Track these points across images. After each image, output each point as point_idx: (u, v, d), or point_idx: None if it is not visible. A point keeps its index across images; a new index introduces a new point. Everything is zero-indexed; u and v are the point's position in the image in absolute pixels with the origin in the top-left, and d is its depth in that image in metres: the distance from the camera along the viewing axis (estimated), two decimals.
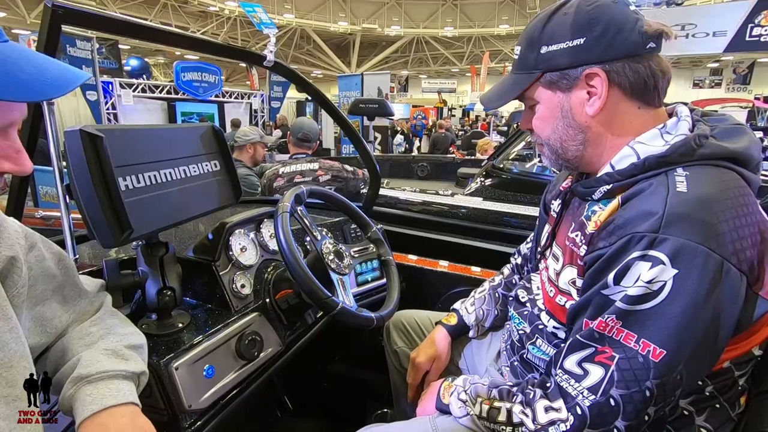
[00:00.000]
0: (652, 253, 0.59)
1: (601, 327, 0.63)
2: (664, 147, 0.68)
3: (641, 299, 0.60)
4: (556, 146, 0.77)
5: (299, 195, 1.01)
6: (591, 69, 0.69)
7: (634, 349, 0.60)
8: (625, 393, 0.60)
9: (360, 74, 9.81)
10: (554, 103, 0.74)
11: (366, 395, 1.60)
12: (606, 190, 0.72)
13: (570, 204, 0.85)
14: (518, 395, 0.73)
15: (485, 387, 0.79)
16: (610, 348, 0.62)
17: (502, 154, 2.89)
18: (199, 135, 0.97)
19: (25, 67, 0.49)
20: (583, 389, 0.63)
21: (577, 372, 0.65)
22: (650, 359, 0.59)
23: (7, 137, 0.53)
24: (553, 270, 0.82)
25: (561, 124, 0.75)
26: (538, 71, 0.73)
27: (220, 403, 0.86)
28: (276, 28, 3.27)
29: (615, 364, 0.61)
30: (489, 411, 0.74)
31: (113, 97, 8.22)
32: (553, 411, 0.66)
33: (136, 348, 0.71)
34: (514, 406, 0.71)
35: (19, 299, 0.60)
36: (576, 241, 0.75)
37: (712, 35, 6.12)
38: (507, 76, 0.81)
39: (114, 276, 0.81)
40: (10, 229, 0.61)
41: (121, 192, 0.73)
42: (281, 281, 1.06)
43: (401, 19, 24.74)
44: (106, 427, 0.59)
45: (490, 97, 0.83)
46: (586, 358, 0.64)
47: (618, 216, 0.66)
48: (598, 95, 0.70)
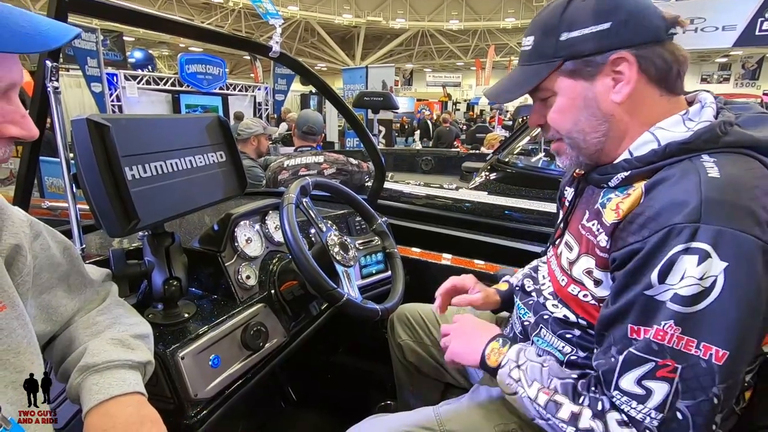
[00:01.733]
0: (695, 245, 0.55)
1: (659, 337, 0.58)
2: (687, 133, 0.65)
3: (695, 299, 0.55)
4: (578, 140, 0.73)
5: (305, 187, 1.01)
6: (619, 54, 0.65)
7: (695, 356, 0.56)
8: (691, 404, 0.56)
9: (364, 67, 9.74)
10: (576, 92, 0.70)
11: (369, 387, 1.61)
12: (624, 177, 0.69)
13: (584, 192, 0.82)
14: (584, 397, 0.67)
15: (544, 370, 0.73)
16: (672, 360, 0.57)
17: (507, 149, 2.87)
18: (205, 125, 0.97)
19: (18, 21, 0.50)
20: (650, 411, 0.59)
21: (639, 392, 0.59)
22: (713, 363, 0.55)
23: (10, 101, 0.53)
24: (566, 259, 0.79)
25: (584, 114, 0.71)
26: (559, 59, 0.69)
27: (226, 393, 0.87)
28: (282, 19, 3.25)
29: (678, 375, 0.57)
30: (548, 403, 0.69)
31: (118, 88, 8.22)
32: (626, 427, 0.61)
33: (142, 337, 0.71)
34: (583, 410, 0.65)
35: (24, 287, 0.60)
36: (593, 230, 0.72)
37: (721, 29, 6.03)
38: (516, 69, 0.77)
39: (120, 265, 0.82)
40: (15, 218, 0.61)
41: (128, 182, 0.73)
42: (286, 273, 1.06)
43: (406, 12, 24.55)
44: (112, 416, 0.59)
45: (499, 90, 0.78)
46: (646, 375, 0.59)
47: (646, 207, 0.62)
48: (626, 81, 0.66)
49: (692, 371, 0.56)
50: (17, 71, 0.53)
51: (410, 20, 24.81)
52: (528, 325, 0.87)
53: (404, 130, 12.65)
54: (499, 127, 8.42)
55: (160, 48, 23.19)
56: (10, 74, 0.52)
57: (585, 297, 0.74)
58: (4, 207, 0.61)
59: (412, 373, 1.21)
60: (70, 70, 8.34)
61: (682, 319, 0.56)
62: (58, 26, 0.53)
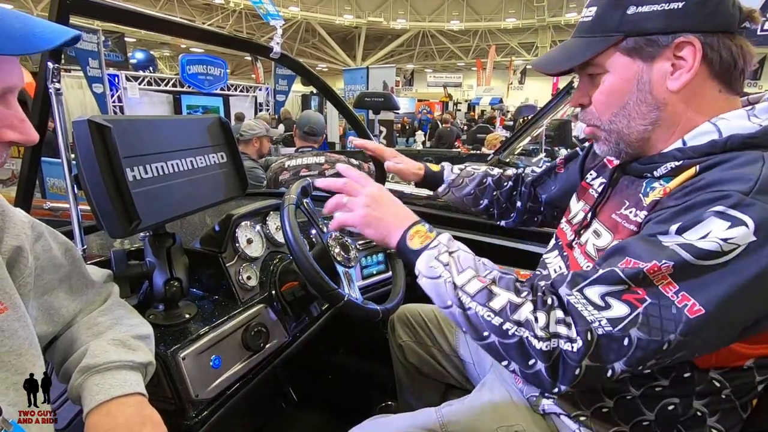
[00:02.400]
0: (733, 213, 0.52)
1: (652, 271, 0.54)
2: (753, 127, 0.60)
3: (708, 255, 0.53)
4: (620, 126, 0.68)
5: (305, 187, 1.01)
6: (686, 37, 0.61)
7: (670, 299, 0.54)
8: (643, 337, 0.54)
9: (365, 68, 9.76)
10: (631, 72, 0.65)
11: (370, 388, 1.61)
12: (673, 167, 0.64)
13: (618, 182, 0.77)
14: (527, 292, 0.63)
15: (479, 262, 0.67)
16: (643, 291, 0.55)
17: (508, 149, 2.87)
18: (206, 126, 0.97)
19: (13, 23, 0.49)
20: (603, 318, 0.56)
21: (597, 302, 0.57)
22: (684, 313, 0.53)
23: (9, 105, 0.53)
24: (592, 245, 0.75)
25: (634, 98, 0.66)
26: (620, 34, 0.64)
27: (227, 394, 0.87)
28: (282, 20, 3.25)
29: (643, 307, 0.55)
30: (480, 291, 0.62)
31: (119, 89, 8.24)
32: (564, 326, 0.57)
33: (143, 338, 0.71)
34: (525, 303, 0.60)
35: (25, 288, 0.60)
36: (630, 217, 0.68)
37: None
38: (570, 41, 0.72)
39: (122, 266, 0.82)
40: (16, 219, 0.62)
41: (129, 182, 0.73)
42: (287, 273, 1.06)
43: (407, 13, 24.57)
44: (113, 416, 0.59)
45: (548, 60, 0.73)
46: (612, 293, 0.56)
47: (699, 179, 0.58)
48: (687, 68, 0.62)
49: (659, 310, 0.54)
50: (16, 74, 0.52)
51: (411, 21, 24.84)
52: None
53: (405, 130, 12.65)
54: (500, 128, 8.42)
55: (161, 49, 23.23)
56: (8, 78, 0.51)
57: None
58: (6, 208, 0.61)
59: (413, 374, 1.21)
60: (72, 71, 8.36)
61: (683, 266, 0.54)
62: (54, 28, 0.52)
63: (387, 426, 0.88)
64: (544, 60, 0.75)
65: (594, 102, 0.71)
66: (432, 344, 1.17)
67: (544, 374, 0.58)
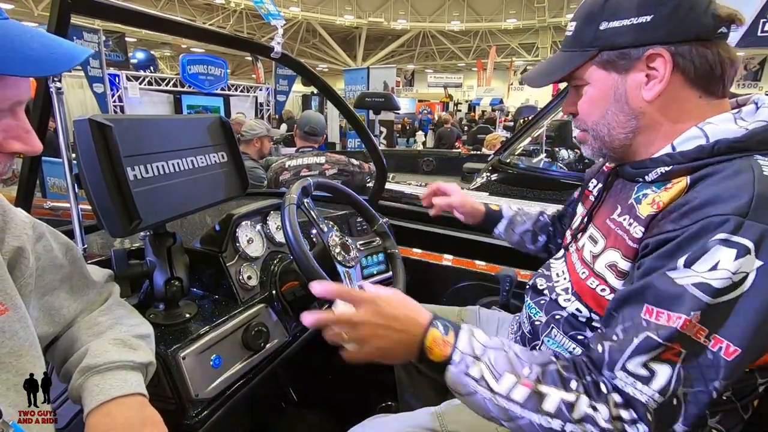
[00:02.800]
0: (736, 239, 0.52)
1: (685, 327, 0.54)
2: (739, 131, 0.61)
3: (722, 292, 0.53)
4: (602, 133, 0.71)
5: (306, 187, 1.01)
6: (655, 50, 0.63)
7: (703, 345, 0.53)
8: (689, 392, 0.54)
9: (366, 68, 9.75)
10: (607, 85, 0.69)
11: (370, 388, 1.60)
12: (663, 172, 0.65)
13: (612, 186, 0.79)
14: (576, 382, 0.59)
15: (512, 357, 0.61)
16: (678, 344, 0.54)
17: (509, 149, 2.87)
18: (207, 126, 0.97)
19: (29, 43, 0.49)
20: (654, 393, 0.55)
21: (643, 374, 0.56)
22: (721, 357, 0.53)
23: (16, 117, 0.53)
24: (589, 252, 0.76)
25: (612, 108, 0.69)
26: (594, 49, 0.68)
27: (227, 393, 0.87)
28: (283, 20, 3.25)
29: (681, 360, 0.54)
30: (528, 396, 0.58)
31: (120, 89, 8.24)
32: (624, 409, 0.56)
33: (143, 338, 0.71)
34: (579, 396, 0.57)
35: (27, 289, 0.60)
36: (624, 225, 0.69)
37: None
38: (557, 54, 0.76)
39: (122, 266, 0.82)
40: (18, 220, 0.62)
41: (130, 182, 0.73)
42: (287, 273, 1.06)
43: (408, 13, 24.58)
44: (113, 417, 0.59)
45: (535, 74, 0.78)
46: (653, 359, 0.55)
47: (691, 198, 0.59)
48: (658, 78, 0.64)
49: (696, 359, 0.54)
50: (25, 89, 0.53)
51: (412, 21, 24.85)
52: (539, 325, 0.85)
53: (405, 131, 12.65)
54: (501, 128, 8.41)
55: (162, 49, 23.25)
56: (18, 92, 0.52)
57: (603, 291, 0.71)
58: (7, 209, 0.61)
59: (413, 374, 1.21)
60: (72, 71, 8.36)
61: (706, 309, 0.53)
62: (71, 48, 0.53)
63: (387, 426, 0.88)
64: (532, 75, 0.79)
65: (579, 111, 0.74)
66: None
67: None
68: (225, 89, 9.58)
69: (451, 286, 1.55)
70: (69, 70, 0.54)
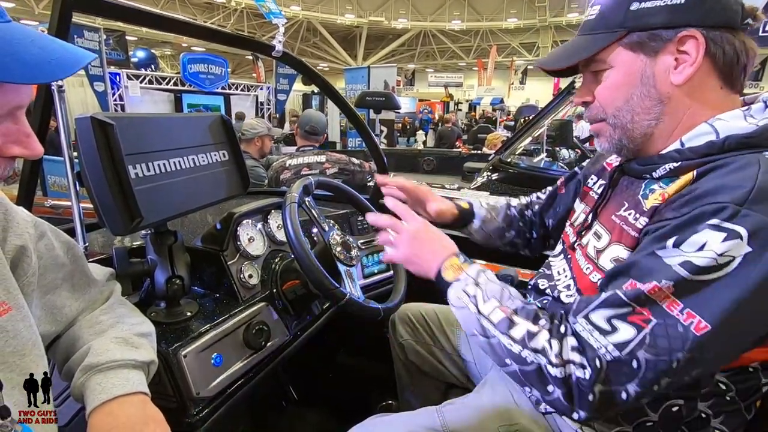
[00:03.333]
0: (728, 226, 0.53)
1: (653, 291, 0.56)
2: (749, 127, 0.61)
3: (704, 270, 0.54)
4: (625, 120, 0.69)
5: (307, 186, 1.01)
6: (689, 32, 0.62)
7: (675, 318, 0.55)
8: (651, 358, 0.55)
9: (367, 67, 9.75)
10: (635, 67, 0.66)
11: (371, 387, 1.60)
12: (672, 168, 0.65)
13: (618, 183, 0.78)
14: (543, 321, 0.65)
15: (505, 292, 0.69)
16: (648, 311, 0.56)
17: (509, 149, 2.87)
18: (208, 124, 0.97)
19: (29, 48, 0.48)
20: (609, 344, 0.57)
21: (604, 327, 0.58)
22: (691, 331, 0.54)
23: (16, 121, 0.53)
24: (593, 248, 0.76)
25: (638, 92, 0.66)
26: (623, 29, 0.65)
27: (228, 392, 0.87)
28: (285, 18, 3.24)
29: (650, 328, 0.56)
30: (502, 320, 0.65)
31: (120, 88, 8.24)
32: (577, 353, 0.59)
33: (145, 336, 0.71)
34: (541, 331, 0.63)
35: (29, 288, 0.60)
36: (629, 219, 0.69)
37: None
38: (575, 38, 0.73)
39: (123, 264, 0.82)
40: (19, 218, 0.62)
41: (131, 180, 0.73)
42: (288, 272, 1.06)
43: (408, 12, 24.56)
44: (115, 416, 0.59)
45: (553, 58, 0.74)
46: (618, 316, 0.58)
47: (695, 188, 0.59)
48: (690, 62, 0.62)
49: (665, 329, 0.55)
50: (26, 92, 0.52)
51: (412, 20, 24.83)
52: None
53: (406, 130, 12.65)
54: (501, 127, 8.41)
55: (162, 47, 23.24)
56: (18, 97, 0.51)
57: None
58: (9, 208, 0.61)
59: (414, 372, 1.21)
60: None
61: (682, 283, 0.55)
62: (72, 52, 0.52)
63: (388, 425, 0.88)
64: (549, 58, 0.75)
65: (598, 97, 0.71)
66: (433, 343, 1.17)
67: (561, 400, 0.60)
68: (225, 88, 9.58)
69: None
70: None
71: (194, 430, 0.80)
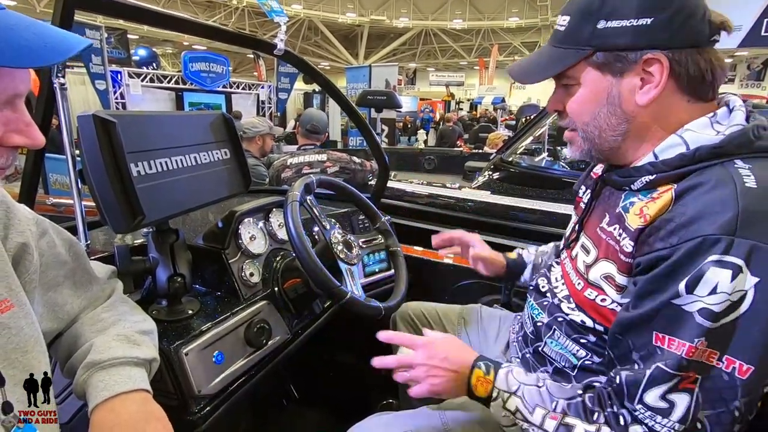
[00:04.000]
0: (728, 259, 0.54)
1: (690, 353, 0.55)
2: (718, 137, 0.62)
3: (723, 314, 0.54)
4: (593, 135, 0.70)
5: (309, 184, 1.01)
6: (653, 54, 0.62)
7: (717, 368, 0.54)
8: (712, 414, 0.55)
9: (368, 66, 9.74)
10: (601, 86, 0.67)
11: (371, 386, 1.61)
12: (648, 181, 0.66)
13: (601, 194, 0.79)
14: (599, 414, 0.63)
15: (543, 392, 0.69)
16: (693, 371, 0.56)
17: (511, 148, 2.86)
18: (210, 123, 0.97)
19: (23, 33, 0.48)
20: (674, 423, 0.57)
21: (663, 406, 0.57)
22: (736, 377, 0.54)
23: (15, 109, 0.52)
24: (582, 262, 0.77)
25: (604, 110, 0.68)
26: (590, 48, 0.66)
27: (229, 390, 0.87)
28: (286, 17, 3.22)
29: (698, 386, 0.55)
30: (558, 428, 0.64)
31: (122, 86, 8.24)
32: None
33: (147, 334, 0.71)
34: (601, 428, 0.61)
35: (31, 285, 0.61)
36: (614, 235, 0.69)
37: None
38: (545, 48, 0.73)
39: (125, 262, 0.82)
40: (21, 216, 0.62)
41: (133, 178, 0.73)
42: (290, 270, 1.06)
43: (410, 11, 24.52)
44: (117, 413, 0.60)
45: (524, 69, 0.74)
46: (670, 389, 0.57)
47: (677, 213, 0.59)
48: (654, 84, 0.64)
49: (713, 383, 0.55)
50: (22, 80, 0.52)
51: (414, 19, 24.78)
52: (541, 326, 0.85)
53: (407, 129, 12.63)
54: (502, 126, 8.40)
55: (164, 46, 23.25)
56: (14, 84, 0.51)
57: (603, 302, 0.71)
58: (11, 205, 0.61)
59: None
60: (74, 68, 8.36)
61: (710, 333, 0.55)
62: (66, 38, 0.52)
63: (388, 424, 0.88)
64: (520, 69, 0.75)
65: (568, 110, 0.72)
66: None
67: None
68: (227, 87, 9.58)
69: (453, 285, 1.55)
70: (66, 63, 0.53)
71: (195, 427, 0.80)
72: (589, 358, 0.76)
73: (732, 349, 0.54)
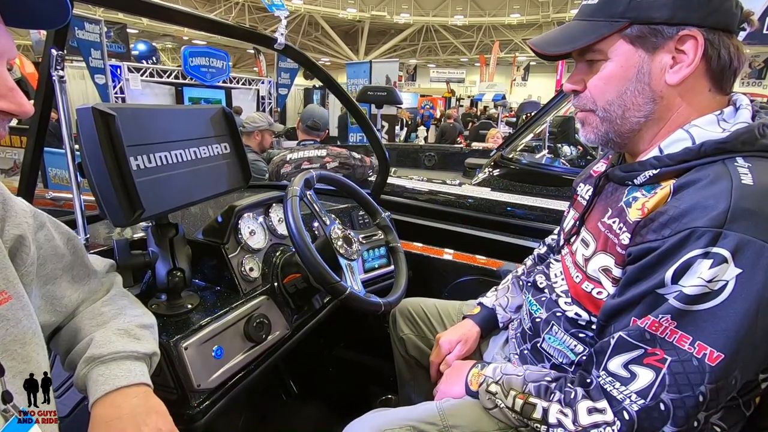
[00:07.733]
0: (714, 250, 0.54)
1: (653, 327, 0.58)
2: (724, 133, 0.62)
3: (699, 299, 0.55)
4: (615, 114, 0.68)
5: (309, 179, 1.00)
6: (690, 31, 0.60)
7: (688, 352, 0.56)
8: (676, 397, 0.56)
9: (368, 62, 9.71)
10: (632, 62, 0.64)
11: (371, 381, 1.61)
12: (651, 175, 0.65)
13: (603, 190, 0.79)
14: (556, 393, 0.69)
15: (519, 378, 0.76)
16: (661, 350, 0.57)
17: (511, 145, 2.86)
18: (210, 117, 0.96)
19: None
20: (631, 393, 0.59)
21: (623, 374, 0.60)
22: (706, 363, 0.55)
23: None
24: (581, 255, 0.77)
25: (631, 88, 0.65)
26: (625, 21, 0.63)
27: (228, 384, 0.87)
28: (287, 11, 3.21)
29: (666, 367, 0.57)
30: (523, 406, 0.72)
31: (121, 80, 8.21)
32: (597, 413, 0.62)
33: (147, 328, 0.71)
34: (551, 405, 0.67)
35: (28, 278, 0.60)
36: (613, 228, 0.69)
37: None
38: (572, 23, 0.70)
39: (125, 256, 0.82)
40: (18, 209, 0.61)
41: (133, 171, 0.73)
42: (289, 265, 1.06)
43: (411, 7, 24.41)
44: (118, 407, 0.60)
45: (550, 40, 0.71)
46: (633, 360, 0.59)
47: (671, 206, 0.60)
48: (687, 63, 0.62)
49: (682, 366, 0.56)
50: (4, 42, 0.50)
51: (415, 15, 24.67)
52: (539, 321, 0.85)
53: (407, 125, 12.60)
54: (503, 124, 8.38)
55: (163, 40, 23.14)
56: None
57: (599, 294, 0.72)
58: (8, 197, 0.60)
59: (414, 367, 1.21)
60: (74, 62, 8.33)
61: (681, 314, 0.56)
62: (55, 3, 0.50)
63: (387, 419, 0.88)
64: (544, 40, 0.72)
65: (590, 87, 0.70)
66: (434, 338, 1.17)
67: None
68: (227, 82, 9.54)
69: (452, 281, 1.55)
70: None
71: (195, 421, 0.80)
72: (587, 353, 0.76)
73: (705, 336, 0.55)
